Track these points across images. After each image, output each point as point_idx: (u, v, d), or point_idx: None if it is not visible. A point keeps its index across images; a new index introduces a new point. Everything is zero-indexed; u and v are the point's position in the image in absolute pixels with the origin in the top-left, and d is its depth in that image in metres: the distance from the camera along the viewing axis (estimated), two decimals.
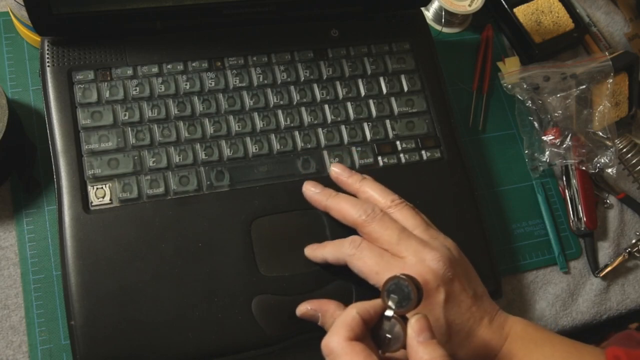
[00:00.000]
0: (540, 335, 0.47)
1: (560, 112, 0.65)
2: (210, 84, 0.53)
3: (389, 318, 0.40)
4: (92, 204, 0.48)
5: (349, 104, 0.55)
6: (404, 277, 0.39)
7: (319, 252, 0.49)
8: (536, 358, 0.46)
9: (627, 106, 0.70)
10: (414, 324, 0.39)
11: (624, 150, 0.68)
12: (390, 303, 0.39)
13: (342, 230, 0.49)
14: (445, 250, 0.46)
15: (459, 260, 0.47)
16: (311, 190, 0.50)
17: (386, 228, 0.46)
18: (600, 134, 0.65)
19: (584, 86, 0.65)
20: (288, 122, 0.53)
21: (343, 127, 0.55)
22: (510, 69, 0.67)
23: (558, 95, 0.65)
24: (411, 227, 0.47)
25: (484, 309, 0.47)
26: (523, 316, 0.49)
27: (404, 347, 0.39)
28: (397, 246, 0.46)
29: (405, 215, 0.48)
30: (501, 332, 0.47)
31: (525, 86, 0.66)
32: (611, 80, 0.66)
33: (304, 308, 0.47)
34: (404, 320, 0.39)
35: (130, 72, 0.52)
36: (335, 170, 0.52)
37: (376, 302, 0.40)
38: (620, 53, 0.69)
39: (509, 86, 0.66)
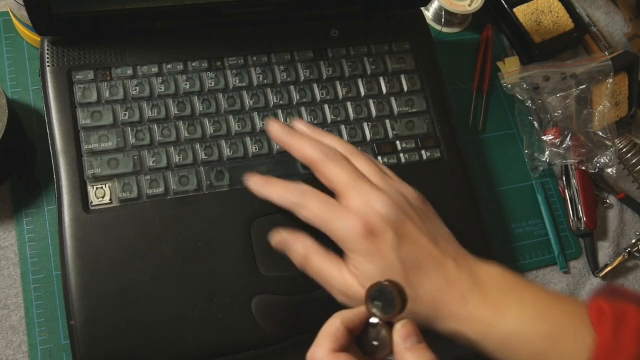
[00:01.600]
0: (520, 283, 0.45)
1: (560, 112, 0.65)
2: (210, 84, 0.53)
3: (374, 325, 0.39)
4: (92, 204, 0.48)
5: (349, 104, 0.55)
6: (386, 282, 0.38)
7: (264, 190, 0.48)
8: (514, 305, 0.43)
9: (627, 106, 0.69)
10: (399, 329, 0.38)
11: (624, 150, 0.68)
12: (374, 310, 0.39)
13: None
14: (397, 195, 0.45)
15: (417, 206, 0.46)
16: (275, 128, 0.49)
17: (341, 169, 0.46)
18: (600, 134, 0.65)
19: (584, 86, 0.65)
20: (288, 122, 0.53)
21: (343, 127, 0.55)
22: (510, 69, 0.67)
23: (558, 95, 0.65)
24: (368, 174, 0.47)
25: (448, 251, 0.45)
26: None
27: (392, 353, 0.38)
28: (348, 189, 0.45)
29: (364, 163, 0.47)
30: (472, 277, 0.44)
31: (525, 86, 0.66)
32: (611, 80, 0.66)
33: (277, 240, 0.47)
34: (389, 326, 0.39)
35: (130, 72, 0.52)
36: (300, 127, 0.50)
37: (361, 310, 0.39)
38: (620, 53, 0.69)
39: (509, 86, 0.66)
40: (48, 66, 0.51)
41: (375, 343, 0.39)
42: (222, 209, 0.49)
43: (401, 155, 0.55)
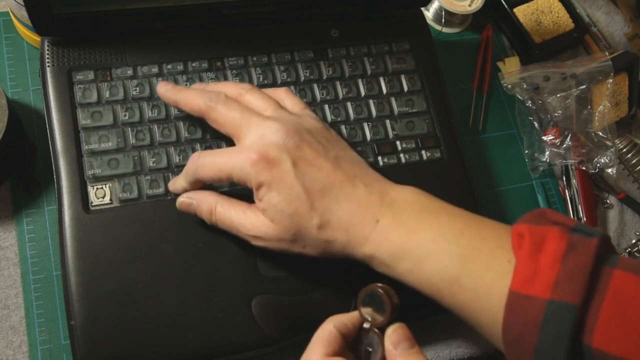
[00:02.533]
0: (436, 205, 0.44)
1: (560, 112, 0.65)
2: None
3: (367, 330, 0.39)
4: (92, 204, 0.48)
5: (349, 104, 0.55)
6: (378, 286, 0.38)
7: (175, 184, 0.48)
8: (429, 226, 0.42)
9: (627, 106, 0.70)
10: (390, 335, 0.38)
11: (624, 150, 0.68)
12: (366, 315, 0.39)
13: None
14: (292, 123, 0.44)
15: (316, 131, 0.45)
16: (162, 89, 0.49)
17: (230, 110, 0.45)
18: (600, 134, 0.65)
19: (584, 86, 0.65)
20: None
21: (343, 127, 0.55)
22: (510, 69, 0.67)
23: (558, 95, 0.65)
24: (262, 109, 0.46)
25: (354, 173, 0.44)
26: None
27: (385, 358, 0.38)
28: (241, 128, 0.44)
29: (256, 98, 0.47)
30: (383, 199, 0.43)
31: (525, 86, 0.66)
32: (611, 80, 0.66)
33: (180, 200, 0.47)
34: (382, 331, 0.38)
35: (130, 72, 0.52)
36: (195, 85, 0.51)
37: (354, 315, 0.39)
38: (620, 53, 0.69)
39: (509, 86, 0.66)
40: (48, 66, 0.51)
41: (369, 348, 0.39)
42: None
43: (401, 155, 0.55)
